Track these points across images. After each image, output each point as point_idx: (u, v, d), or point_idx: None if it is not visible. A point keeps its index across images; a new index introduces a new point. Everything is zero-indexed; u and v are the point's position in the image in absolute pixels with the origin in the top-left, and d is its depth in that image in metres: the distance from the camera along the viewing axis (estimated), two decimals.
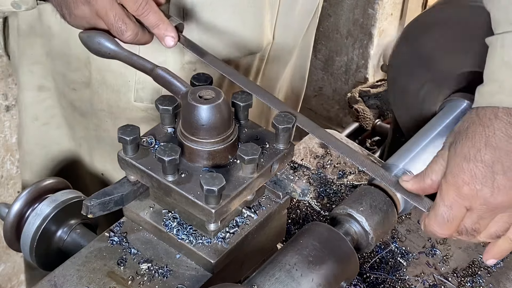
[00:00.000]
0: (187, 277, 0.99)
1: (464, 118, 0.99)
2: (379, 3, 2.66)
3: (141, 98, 1.42)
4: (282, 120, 0.99)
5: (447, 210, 0.96)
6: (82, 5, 1.06)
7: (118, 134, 0.97)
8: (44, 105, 1.55)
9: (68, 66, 1.43)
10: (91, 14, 1.06)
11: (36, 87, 1.52)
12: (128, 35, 1.07)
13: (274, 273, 0.94)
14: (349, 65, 2.88)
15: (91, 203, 0.98)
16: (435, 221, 0.98)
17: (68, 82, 1.47)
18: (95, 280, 0.99)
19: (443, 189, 0.96)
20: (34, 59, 1.48)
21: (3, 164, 2.04)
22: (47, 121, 1.57)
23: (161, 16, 1.08)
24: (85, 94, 1.46)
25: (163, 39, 1.09)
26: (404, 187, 1.03)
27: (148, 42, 1.11)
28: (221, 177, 0.91)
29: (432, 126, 1.21)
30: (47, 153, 1.62)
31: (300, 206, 1.33)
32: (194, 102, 0.94)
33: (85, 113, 1.50)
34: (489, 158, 0.93)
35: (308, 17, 1.61)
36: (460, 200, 0.95)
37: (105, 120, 1.48)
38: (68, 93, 1.49)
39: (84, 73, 1.43)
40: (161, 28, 1.08)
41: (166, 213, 1.03)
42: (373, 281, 1.19)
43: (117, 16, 1.05)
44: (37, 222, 1.11)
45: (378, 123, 2.58)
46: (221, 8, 1.33)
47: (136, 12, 1.06)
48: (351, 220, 1.06)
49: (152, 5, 1.07)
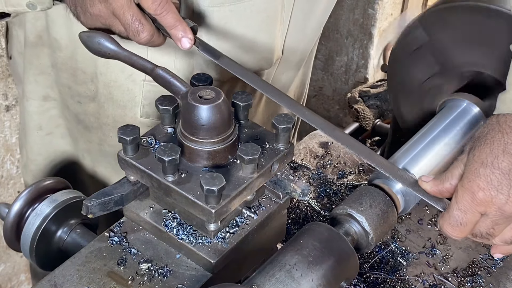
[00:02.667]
0: (187, 277, 0.99)
1: (485, 124, 1.00)
2: (379, 3, 2.66)
3: (147, 113, 1.42)
4: (282, 120, 0.99)
5: (461, 214, 0.96)
6: (99, 3, 1.05)
7: (118, 134, 0.97)
8: (48, 115, 1.53)
9: (74, 79, 1.42)
10: (107, 13, 1.05)
11: (41, 97, 1.51)
12: (144, 36, 1.06)
13: (274, 273, 0.94)
14: (349, 65, 2.88)
15: (91, 203, 0.98)
16: (449, 224, 0.98)
17: (73, 95, 1.46)
18: (95, 280, 0.99)
19: (458, 193, 0.97)
20: (40, 69, 1.46)
21: (3, 164, 2.04)
22: (51, 130, 1.56)
23: (179, 17, 1.07)
24: (90, 108, 1.46)
25: (180, 40, 1.07)
26: (423, 188, 1.03)
27: (161, 44, 1.10)
28: (221, 177, 0.91)
29: (432, 126, 1.21)
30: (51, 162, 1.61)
31: (300, 206, 1.33)
32: (194, 102, 0.94)
33: (90, 127, 1.49)
34: (506, 165, 0.93)
35: (318, 30, 1.58)
36: (474, 205, 0.95)
37: (109, 134, 1.47)
38: (73, 106, 1.48)
39: (90, 87, 1.42)
40: (179, 29, 1.06)
41: (166, 213, 1.03)
42: (373, 281, 1.19)
43: (134, 16, 1.04)
44: (37, 222, 1.11)
45: (378, 123, 2.58)
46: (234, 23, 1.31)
47: (154, 12, 1.05)
48: (351, 220, 1.06)
49: (171, 5, 1.06)
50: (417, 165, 1.14)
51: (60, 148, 1.59)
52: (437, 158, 1.16)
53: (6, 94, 1.92)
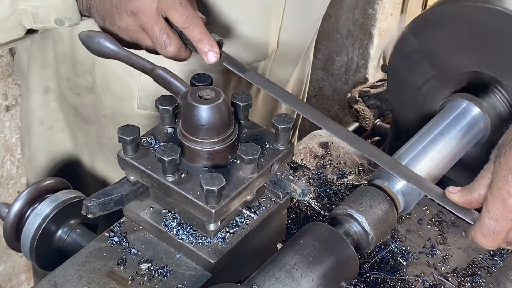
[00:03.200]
0: (187, 277, 0.99)
1: (508, 131, 1.00)
2: (379, 3, 2.66)
3: (144, 105, 1.42)
4: (282, 120, 0.99)
5: (493, 223, 0.96)
6: (128, 17, 1.05)
7: (118, 134, 0.97)
8: (48, 108, 1.54)
9: (73, 71, 1.43)
10: (135, 27, 1.06)
11: (42, 90, 1.51)
12: (172, 49, 1.06)
13: (274, 273, 0.94)
14: (349, 65, 2.88)
15: (91, 203, 0.98)
16: (481, 234, 0.97)
17: (72, 87, 1.46)
18: (95, 280, 0.99)
19: (488, 201, 0.96)
20: (43, 62, 1.47)
21: (3, 164, 2.04)
22: (52, 124, 1.56)
23: (206, 31, 1.07)
24: (88, 100, 1.46)
25: (206, 54, 1.07)
26: (451, 199, 1.03)
27: (187, 58, 1.10)
28: (221, 177, 0.91)
29: (432, 126, 1.21)
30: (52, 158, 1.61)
31: (300, 206, 1.33)
32: (194, 102, 0.94)
33: (88, 119, 1.50)
34: None
35: (315, 25, 1.58)
36: (506, 213, 0.95)
37: (108, 127, 1.47)
38: (72, 98, 1.48)
39: (88, 79, 1.42)
40: (205, 42, 1.06)
41: (166, 213, 1.03)
42: (373, 281, 1.19)
43: (162, 30, 1.05)
44: (37, 222, 1.11)
45: (378, 123, 2.58)
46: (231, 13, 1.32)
47: (182, 25, 1.05)
48: (351, 220, 1.06)
49: (198, 19, 1.06)
50: (418, 164, 1.14)
51: (60, 143, 1.59)
52: (438, 158, 1.16)
53: (6, 94, 1.92)
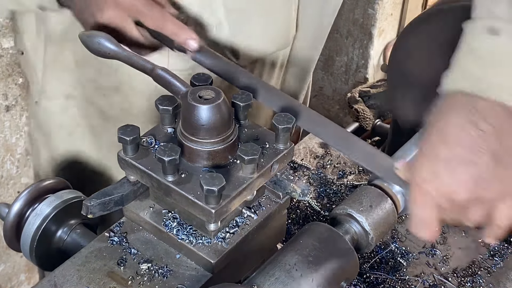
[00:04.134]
0: (187, 277, 0.99)
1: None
2: (379, 3, 2.66)
3: None
4: (282, 120, 0.99)
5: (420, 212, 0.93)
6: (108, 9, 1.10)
7: (118, 134, 0.97)
8: (69, 114, 1.54)
9: (99, 72, 1.43)
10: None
11: (63, 95, 1.51)
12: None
13: (274, 273, 0.94)
14: (349, 65, 2.89)
15: (91, 203, 0.98)
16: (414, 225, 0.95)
17: (97, 88, 1.46)
18: (95, 280, 0.99)
19: (411, 189, 0.94)
20: (64, 66, 1.47)
21: (3, 164, 2.04)
22: (72, 130, 1.56)
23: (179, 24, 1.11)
24: (115, 100, 1.46)
25: (185, 43, 1.11)
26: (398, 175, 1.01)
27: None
28: (221, 177, 0.91)
29: None
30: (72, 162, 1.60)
31: (300, 206, 1.33)
32: (194, 102, 0.94)
33: (115, 119, 1.49)
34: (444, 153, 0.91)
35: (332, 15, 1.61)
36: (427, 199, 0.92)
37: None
38: (98, 100, 1.48)
39: (114, 78, 1.43)
40: (181, 34, 1.11)
41: (166, 213, 1.03)
42: (373, 281, 1.19)
43: None
44: (37, 222, 1.11)
45: (378, 123, 2.58)
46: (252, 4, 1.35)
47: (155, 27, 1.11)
48: (351, 220, 1.06)
49: (167, 15, 1.11)
50: None
51: (80, 147, 1.58)
52: None
53: (6, 94, 1.92)
